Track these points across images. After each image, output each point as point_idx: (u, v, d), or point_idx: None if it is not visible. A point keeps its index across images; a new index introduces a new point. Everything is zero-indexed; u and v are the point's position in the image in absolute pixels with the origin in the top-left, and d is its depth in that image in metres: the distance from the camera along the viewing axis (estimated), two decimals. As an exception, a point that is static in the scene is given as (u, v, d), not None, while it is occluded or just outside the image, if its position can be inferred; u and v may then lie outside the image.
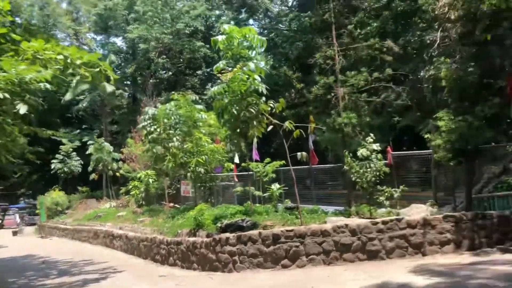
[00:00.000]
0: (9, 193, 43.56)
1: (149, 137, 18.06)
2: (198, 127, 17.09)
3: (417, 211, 10.40)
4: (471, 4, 9.64)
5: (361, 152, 10.97)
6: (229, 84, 10.95)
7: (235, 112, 10.75)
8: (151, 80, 40.13)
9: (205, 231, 12.07)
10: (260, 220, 12.21)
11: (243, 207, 14.82)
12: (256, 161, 17.99)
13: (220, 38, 11.99)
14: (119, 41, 45.78)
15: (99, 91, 36.94)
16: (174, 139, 16.49)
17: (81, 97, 39.35)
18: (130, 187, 23.39)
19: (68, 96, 36.79)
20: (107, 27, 44.01)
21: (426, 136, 11.33)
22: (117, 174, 29.59)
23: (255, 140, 16.57)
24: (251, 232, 10.44)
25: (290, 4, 45.30)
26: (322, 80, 12.36)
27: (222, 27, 12.20)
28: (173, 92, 18.05)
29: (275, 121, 11.10)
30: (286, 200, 15.78)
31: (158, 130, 17.47)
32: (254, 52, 12.21)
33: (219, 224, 11.94)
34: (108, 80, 11.32)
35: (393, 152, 13.33)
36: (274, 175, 16.67)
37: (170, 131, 17.26)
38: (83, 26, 49.65)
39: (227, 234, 10.81)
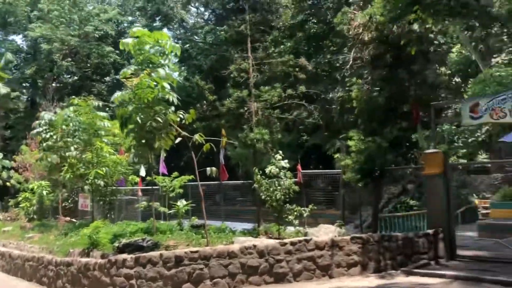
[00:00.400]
0: None
1: (44, 144, 16.33)
2: (100, 136, 15.77)
3: (325, 232, 10.22)
4: (384, 26, 9.82)
5: (270, 169, 10.61)
6: (135, 91, 10.05)
7: (140, 121, 9.86)
8: (53, 84, 37.26)
9: (100, 251, 10.90)
10: (163, 240, 11.31)
11: (145, 224, 13.79)
12: (163, 175, 17.02)
13: (130, 40, 11.05)
14: (19, 40, 42.16)
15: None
16: (72, 148, 15.01)
17: (-30, 97, 35.36)
18: (20, 198, 21.08)
19: (-46, 95, 32.79)
20: (6, 23, 40.35)
21: (335, 156, 11.27)
22: (8, 184, 26.79)
23: (162, 152, 15.65)
24: (151, 253, 9.52)
25: (206, 17, 44.96)
26: (235, 93, 11.90)
27: (132, 30, 11.25)
28: (73, 96, 16.53)
29: (184, 133, 10.38)
30: (193, 217, 15.00)
31: (55, 137, 15.83)
32: (167, 59, 11.39)
33: (116, 244, 10.83)
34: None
35: (302, 171, 13.17)
36: (181, 191, 15.84)
37: (68, 139, 15.72)
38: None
39: (124, 255, 9.78)
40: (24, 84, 39.27)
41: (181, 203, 13.38)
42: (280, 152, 10.74)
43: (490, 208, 15.92)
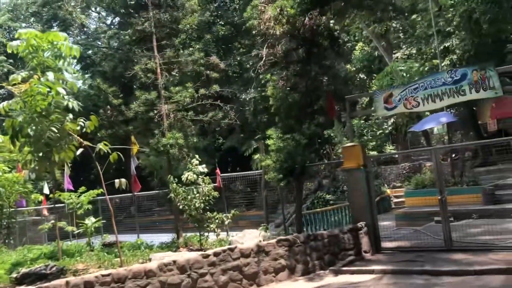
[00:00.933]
0: None
1: None
2: (-10, 154, 13.92)
3: (250, 237, 9.66)
4: (296, 19, 9.51)
5: (187, 176, 9.83)
6: (24, 99, 8.76)
7: (32, 133, 8.59)
8: None
9: (-5, 286, 9.40)
10: (71, 264, 10.06)
11: (51, 248, 12.34)
12: (69, 190, 15.48)
13: (18, 42, 9.66)
14: None
15: None
16: (-44, 169, 13.06)
17: None
18: None
19: None
20: None
21: (255, 156, 10.77)
22: None
23: (66, 167, 14.20)
24: (55, 282, 8.29)
25: (109, 21, 42.89)
26: (143, 95, 10.92)
27: (19, 31, 9.85)
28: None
29: (85, 142, 9.26)
30: (105, 235, 13.75)
31: None
32: (65, 62, 10.09)
33: (14, 275, 9.41)
34: None
35: (221, 174, 12.54)
36: (90, 206, 14.47)
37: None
38: None
39: (23, 288, 8.47)
40: None
41: (89, 220, 12.11)
42: (197, 156, 10.00)
43: (404, 197, 16.44)
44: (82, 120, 9.44)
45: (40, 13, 37.61)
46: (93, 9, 41.70)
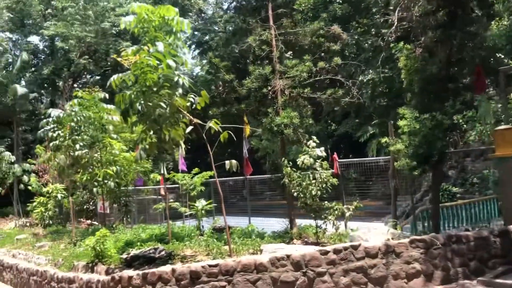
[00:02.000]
0: None
1: (51, 144, 14.81)
2: (108, 132, 14.10)
3: (376, 233, 8.21)
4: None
5: (303, 159, 8.64)
6: (133, 72, 8.26)
7: (141, 109, 8.06)
8: (73, 84, 36.04)
9: (106, 265, 9.22)
10: (179, 248, 9.56)
11: (162, 229, 12.10)
12: (183, 172, 15.31)
13: (131, 18, 9.26)
14: (36, 40, 41.25)
15: (9, 94, 32.61)
16: (77, 146, 13.39)
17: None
18: (34, 204, 19.78)
19: (-29, 100, 32.08)
20: (23, 25, 39.48)
21: (383, 140, 9.23)
22: (30, 188, 25.74)
23: (181, 147, 13.93)
24: (162, 269, 7.74)
25: (225, 6, 43.17)
26: (256, 70, 9.94)
27: (132, 5, 9.43)
28: (77, 89, 14.95)
29: (196, 120, 8.55)
30: (216, 218, 13.23)
31: (62, 135, 14.23)
32: (176, 38, 9.46)
33: (124, 256, 9.15)
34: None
35: (339, 160, 11.17)
36: (203, 188, 14.11)
37: (77, 137, 14.10)
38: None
39: (131, 272, 8.05)
40: (42, 85, 38.15)
41: (200, 203, 11.57)
42: (314, 138, 8.77)
43: None
44: (192, 96, 8.75)
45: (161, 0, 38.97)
46: (210, -7, 42.21)
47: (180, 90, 8.50)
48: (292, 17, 10.54)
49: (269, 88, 9.72)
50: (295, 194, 8.72)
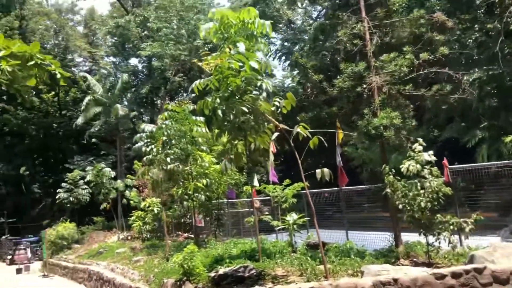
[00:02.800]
0: (24, 225, 41.48)
1: (145, 158, 14.99)
2: (198, 144, 13.84)
3: (504, 253, 6.71)
4: None
5: (408, 166, 7.42)
6: (215, 76, 7.71)
7: (222, 114, 7.46)
8: (170, 101, 37.48)
9: (193, 284, 8.70)
10: (270, 267, 8.77)
11: (253, 245, 11.42)
12: (274, 183, 14.63)
13: (211, 25, 8.80)
14: (134, 61, 43.73)
15: (112, 114, 34.61)
16: (168, 159, 13.29)
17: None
18: (133, 218, 20.35)
19: (79, 120, 34.50)
20: (124, 48, 42.12)
21: (507, 139, 7.69)
22: (131, 202, 26.86)
23: (271, 158, 13.29)
24: (250, 291, 6.99)
25: (315, 15, 42.45)
26: (348, 68, 8.90)
27: (210, 11, 8.97)
28: (168, 102, 14.96)
29: (282, 125, 7.77)
30: (310, 233, 12.26)
31: (155, 149, 14.30)
32: (257, 42, 8.82)
33: (212, 274, 8.56)
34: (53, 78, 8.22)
35: (450, 166, 9.69)
36: (295, 200, 13.29)
37: (169, 151, 14.06)
38: (99, 49, 47.99)
39: (218, 293, 7.40)
40: (141, 103, 40.13)
41: (291, 217, 10.72)
42: (421, 140, 7.52)
43: None
44: (277, 99, 8.00)
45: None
46: (299, 4, 41.76)
47: (264, 94, 7.78)
48: (387, 8, 9.35)
49: (364, 86, 8.63)
50: (400, 206, 7.51)
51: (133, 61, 43.91)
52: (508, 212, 15.62)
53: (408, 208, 7.47)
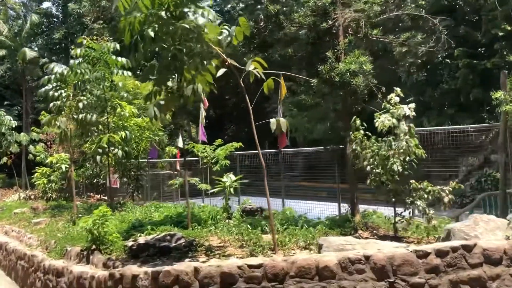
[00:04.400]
0: None
1: (52, 105, 12.43)
2: (119, 90, 11.71)
3: (488, 228, 5.67)
4: None
5: (383, 119, 6.11)
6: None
7: (152, 34, 5.56)
8: (84, 37, 33.73)
9: (105, 255, 6.88)
10: (203, 236, 7.20)
11: (180, 209, 9.77)
12: (203, 142, 12.88)
13: None
14: (48, 4, 38.98)
15: (18, 58, 30.46)
16: (80, 105, 11.04)
17: (-2, 66, 32.65)
18: (36, 174, 17.72)
19: (-23, 64, 30.04)
20: (35, -13, 37.27)
21: (497, 94, 6.64)
22: (38, 158, 23.75)
23: (201, 115, 11.52)
24: (179, 267, 5.36)
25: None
26: (311, 0, 7.33)
27: None
28: (83, 36, 12.48)
29: (230, 60, 6.08)
30: (245, 199, 10.85)
31: (64, 94, 11.87)
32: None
33: (129, 243, 6.80)
34: None
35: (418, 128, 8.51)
36: (227, 162, 11.72)
37: (82, 97, 11.73)
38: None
39: (136, 269, 5.69)
40: (54, 50, 35.89)
41: (228, 178, 9.17)
42: (398, 89, 6.23)
43: None
44: (226, 26, 6.26)
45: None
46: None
47: (212, 15, 5.98)
48: None
49: (330, 23, 7.09)
50: (368, 168, 6.21)
51: (47, 4, 39.13)
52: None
53: (377, 171, 6.18)
